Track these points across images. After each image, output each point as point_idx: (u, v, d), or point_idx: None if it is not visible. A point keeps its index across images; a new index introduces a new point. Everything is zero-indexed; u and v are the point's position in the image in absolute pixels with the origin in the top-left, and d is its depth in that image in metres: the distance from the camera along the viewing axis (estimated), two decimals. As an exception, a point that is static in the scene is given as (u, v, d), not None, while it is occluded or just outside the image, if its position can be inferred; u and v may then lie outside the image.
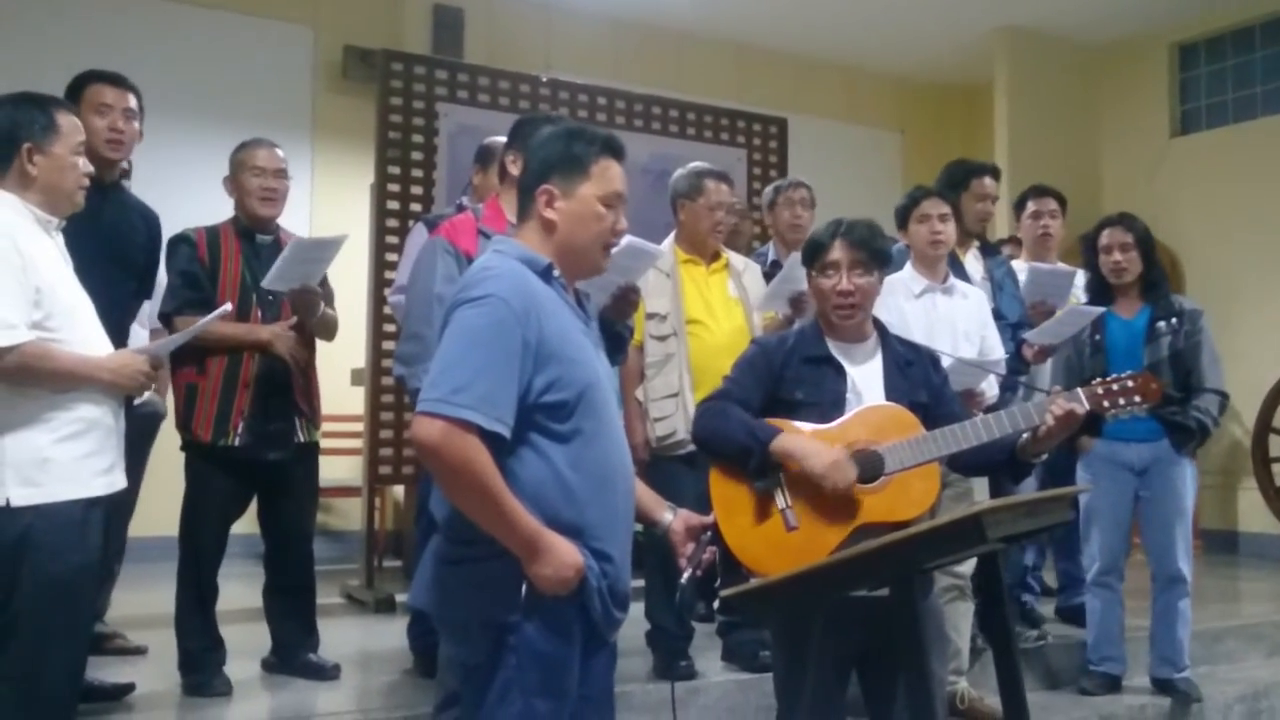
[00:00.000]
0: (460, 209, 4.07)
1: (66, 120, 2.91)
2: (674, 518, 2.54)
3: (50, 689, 2.73)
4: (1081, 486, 4.28)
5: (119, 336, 3.46)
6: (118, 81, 3.64)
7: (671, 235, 4.34)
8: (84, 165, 2.94)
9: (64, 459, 2.74)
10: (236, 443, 3.81)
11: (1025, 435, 2.83)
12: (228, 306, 3.55)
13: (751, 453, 2.79)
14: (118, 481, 2.90)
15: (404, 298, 3.75)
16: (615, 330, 3.33)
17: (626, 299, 3.33)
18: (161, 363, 3.24)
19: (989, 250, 4.92)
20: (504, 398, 2.13)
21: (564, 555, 2.15)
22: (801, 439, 2.80)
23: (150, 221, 3.77)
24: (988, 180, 4.85)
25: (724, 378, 3.04)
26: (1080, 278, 5.19)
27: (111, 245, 3.41)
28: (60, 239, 2.94)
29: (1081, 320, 4.38)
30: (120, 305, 3.53)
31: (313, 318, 3.92)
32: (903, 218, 4.19)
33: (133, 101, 3.65)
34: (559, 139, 2.37)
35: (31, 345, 2.69)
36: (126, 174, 4.56)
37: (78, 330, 2.82)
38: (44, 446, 2.72)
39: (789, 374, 2.95)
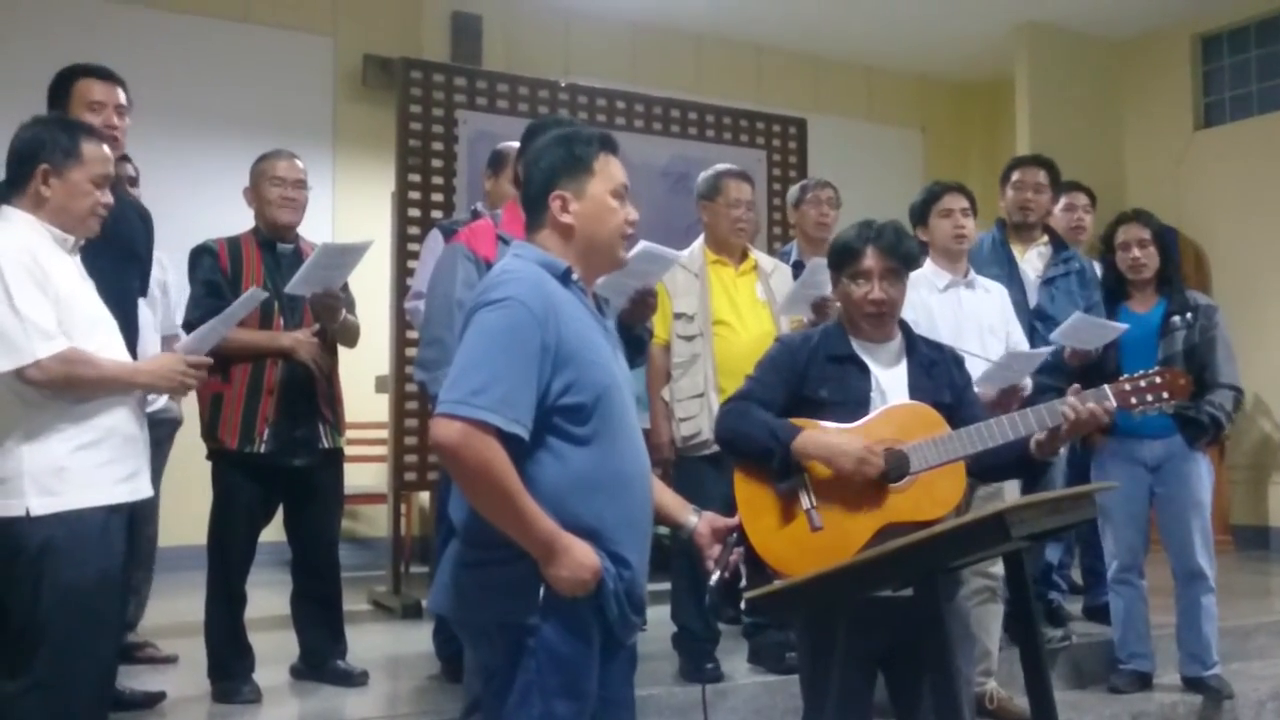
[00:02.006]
0: (475, 215, 4.09)
1: (92, 150, 2.91)
2: (699, 520, 2.53)
3: (78, 697, 2.74)
4: (1106, 484, 4.25)
5: (129, 333, 3.47)
6: (106, 76, 3.54)
7: (701, 237, 4.37)
8: (103, 195, 2.94)
9: (82, 467, 2.76)
10: (262, 449, 3.83)
11: (1040, 434, 2.82)
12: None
13: (773, 454, 2.78)
14: (142, 489, 2.92)
15: (422, 304, 3.77)
16: (634, 334, 3.33)
17: (644, 302, 3.33)
18: (203, 360, 3.26)
19: (1059, 246, 4.89)
20: (522, 400, 2.14)
21: (581, 557, 2.15)
22: (822, 436, 2.79)
23: (146, 219, 3.76)
24: (1029, 169, 4.84)
25: (747, 377, 3.03)
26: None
27: (117, 243, 3.40)
28: (78, 258, 2.96)
29: (1098, 329, 4.30)
30: (129, 302, 3.53)
31: (334, 323, 3.93)
32: (922, 213, 4.17)
33: (123, 96, 3.55)
34: (558, 145, 2.38)
35: (73, 351, 2.73)
36: (134, 181, 4.59)
37: (94, 341, 2.83)
38: (61, 456, 2.74)
39: (813, 372, 2.94)
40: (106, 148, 2.99)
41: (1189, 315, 4.36)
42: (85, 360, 2.76)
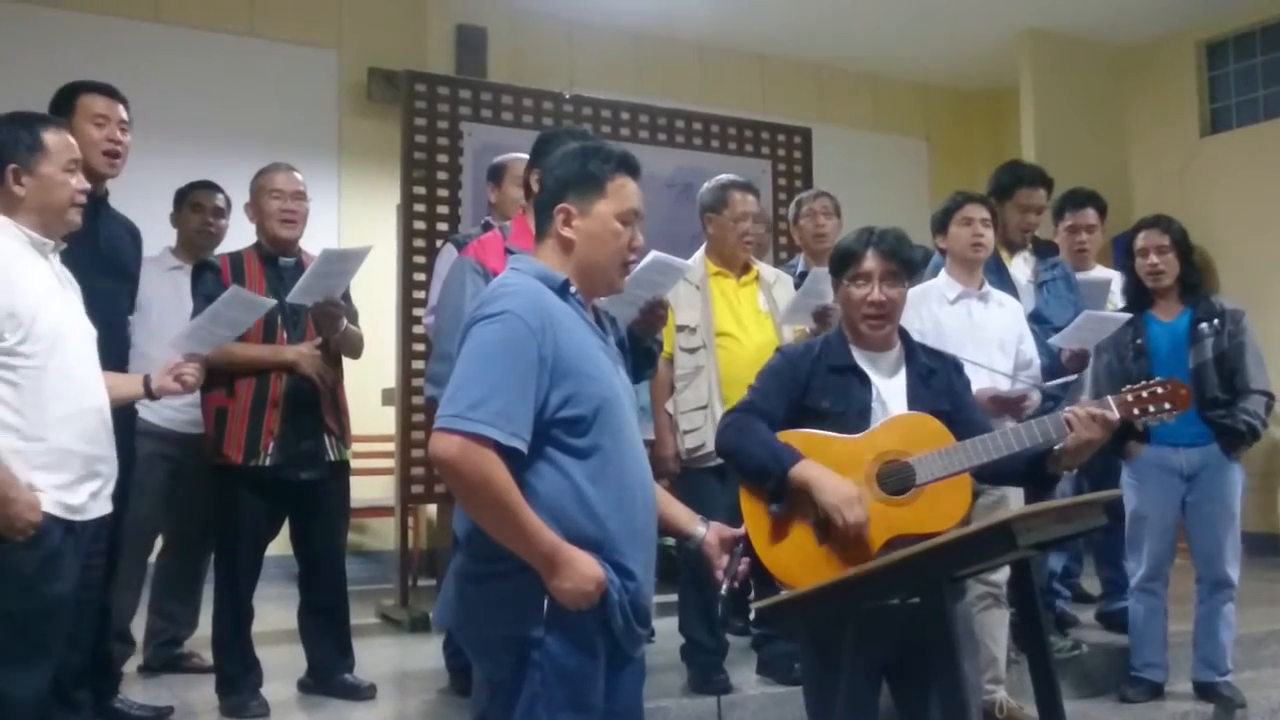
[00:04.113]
0: (487, 227, 4.09)
1: (55, 139, 2.86)
2: (707, 531, 2.53)
3: (11, 707, 2.66)
4: (1113, 492, 4.23)
5: (121, 349, 3.48)
6: (110, 92, 3.53)
7: (702, 248, 4.35)
8: (78, 183, 2.89)
9: (39, 486, 2.69)
10: (267, 463, 3.82)
11: (1058, 447, 2.81)
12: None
13: (771, 475, 2.78)
14: (96, 508, 2.86)
15: (435, 319, 3.77)
16: (645, 345, 3.33)
17: (654, 313, 3.33)
18: (198, 356, 3.29)
19: (1042, 251, 4.87)
20: (520, 413, 2.14)
21: (584, 568, 2.15)
22: (821, 470, 2.76)
23: (134, 235, 3.74)
24: (1035, 192, 4.78)
25: (749, 388, 3.03)
26: (1116, 282, 5.13)
27: (109, 259, 3.40)
28: (57, 261, 2.90)
29: (1104, 325, 4.32)
30: (121, 318, 3.55)
31: (335, 333, 3.93)
32: (943, 221, 4.16)
33: (124, 113, 3.54)
34: (574, 157, 2.37)
35: None
36: (222, 212, 4.63)
37: (57, 356, 2.75)
38: (19, 474, 2.66)
39: (815, 383, 2.94)
40: (69, 134, 2.93)
41: (1216, 321, 4.34)
42: None
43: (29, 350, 2.70)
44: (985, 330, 4.03)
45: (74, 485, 2.78)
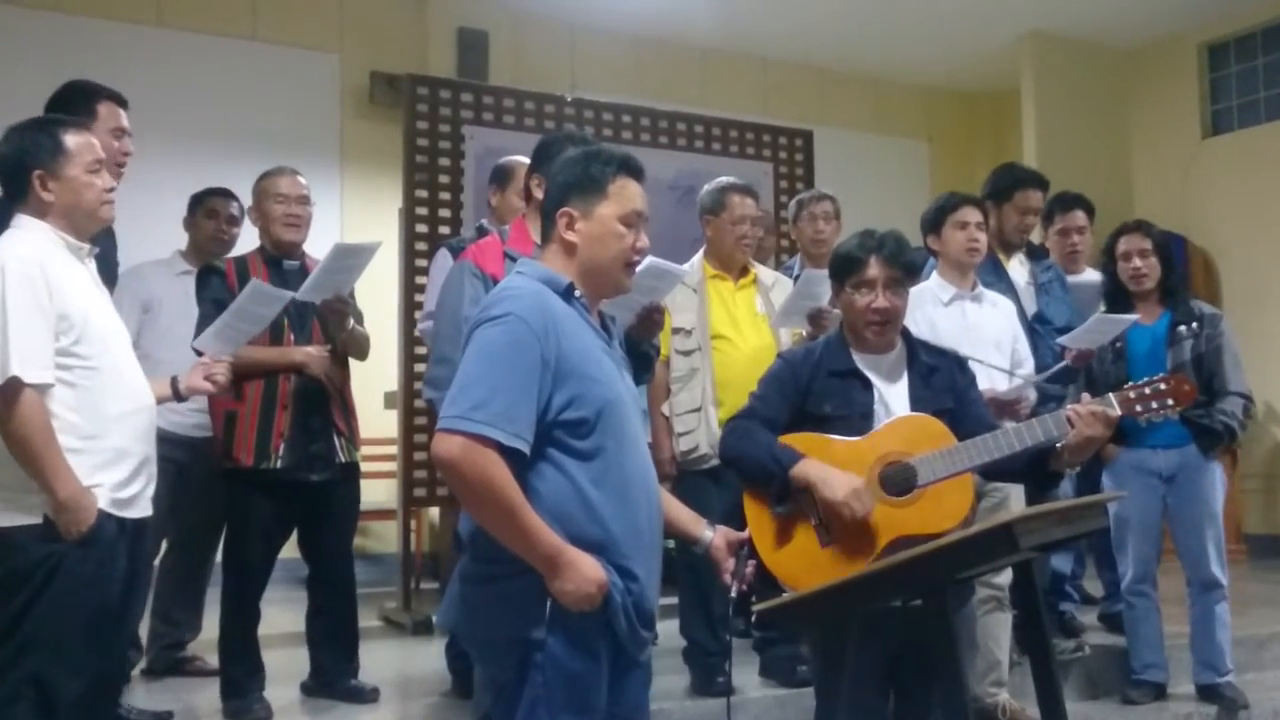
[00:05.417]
0: (481, 232, 4.08)
1: (76, 140, 2.84)
2: (714, 534, 2.54)
3: (63, 706, 2.68)
4: (1115, 494, 4.24)
5: None
6: (123, 101, 3.50)
7: (702, 250, 4.35)
8: (104, 181, 2.88)
9: (98, 484, 2.73)
10: (279, 465, 3.81)
11: (1060, 445, 2.81)
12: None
13: (774, 477, 2.79)
14: (142, 508, 2.90)
15: (432, 323, 3.77)
16: (642, 350, 3.33)
17: (651, 318, 3.33)
18: (232, 356, 3.34)
19: (1036, 254, 4.88)
20: (522, 414, 2.14)
21: (586, 570, 2.15)
22: (822, 466, 2.78)
23: (112, 235, 3.61)
24: (1033, 194, 4.79)
25: (750, 395, 3.04)
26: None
27: (99, 261, 3.42)
28: (93, 266, 2.93)
29: (1114, 327, 4.33)
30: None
31: (342, 330, 3.93)
32: (935, 222, 4.15)
33: (126, 120, 3.50)
34: (576, 162, 2.38)
35: (35, 405, 2.62)
36: (235, 220, 4.62)
37: (109, 357, 2.80)
38: (81, 474, 2.70)
39: (816, 387, 2.95)
40: (90, 135, 2.91)
41: (1194, 325, 4.37)
42: (37, 421, 2.63)
43: (84, 351, 2.74)
44: (980, 331, 4.03)
45: (127, 483, 2.82)
